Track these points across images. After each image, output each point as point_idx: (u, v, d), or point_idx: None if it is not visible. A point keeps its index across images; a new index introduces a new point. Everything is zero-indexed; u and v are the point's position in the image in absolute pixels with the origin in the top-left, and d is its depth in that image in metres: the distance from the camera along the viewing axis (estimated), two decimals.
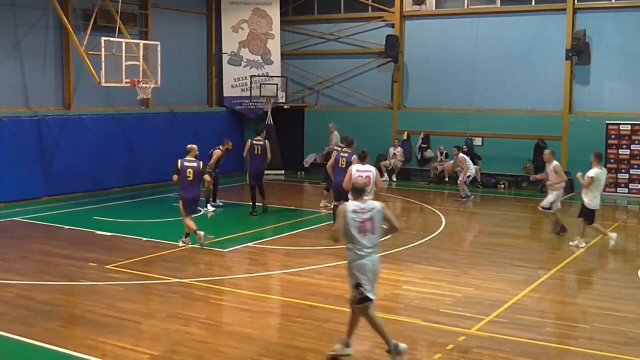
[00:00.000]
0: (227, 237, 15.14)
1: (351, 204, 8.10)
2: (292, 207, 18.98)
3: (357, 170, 13.19)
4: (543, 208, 15.74)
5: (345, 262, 12.85)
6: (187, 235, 14.15)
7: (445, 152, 23.86)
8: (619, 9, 21.83)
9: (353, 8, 26.08)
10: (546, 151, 16.47)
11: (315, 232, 15.88)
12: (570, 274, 12.51)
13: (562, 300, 11.28)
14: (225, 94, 26.24)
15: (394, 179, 24.64)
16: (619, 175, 21.68)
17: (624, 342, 8.96)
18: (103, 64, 18.15)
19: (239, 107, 26.31)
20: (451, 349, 8.63)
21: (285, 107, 26.50)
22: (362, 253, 8.13)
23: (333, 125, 23.96)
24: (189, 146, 14.20)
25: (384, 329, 8.24)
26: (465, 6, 24.05)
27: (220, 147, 18.27)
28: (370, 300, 8.12)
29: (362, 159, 13.74)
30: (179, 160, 13.97)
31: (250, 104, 26.17)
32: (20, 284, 11.36)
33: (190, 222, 14.04)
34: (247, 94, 25.89)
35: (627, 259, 14.14)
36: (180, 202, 14.12)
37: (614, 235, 14.52)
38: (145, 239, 14.76)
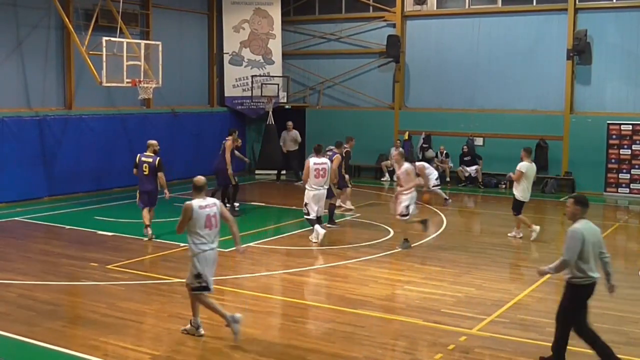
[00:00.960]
0: (229, 237, 15.11)
1: (196, 201, 8.83)
2: (294, 207, 18.97)
3: (315, 163, 14.61)
4: (401, 215, 14.17)
5: (345, 262, 12.95)
6: (147, 226, 14.80)
7: (446, 152, 23.87)
8: (620, 9, 21.83)
9: (354, 8, 26.08)
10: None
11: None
12: None
13: None
14: (226, 94, 26.25)
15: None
16: (620, 176, 21.70)
17: (625, 342, 8.97)
18: (104, 64, 18.14)
19: (240, 107, 26.31)
20: (452, 349, 8.64)
21: (287, 107, 26.50)
22: (206, 247, 8.81)
23: (291, 123, 24.13)
24: (149, 141, 15.05)
25: (218, 307, 8.96)
26: (467, 6, 24.05)
27: (228, 138, 18.09)
28: (208, 290, 8.90)
29: (317, 152, 14.97)
30: (138, 155, 14.95)
31: (252, 104, 26.18)
32: (22, 283, 11.37)
33: (145, 215, 14.79)
34: (249, 94, 25.90)
35: (629, 259, 14.15)
36: (137, 194, 14.99)
37: (537, 228, 15.19)
38: (146, 239, 14.76)
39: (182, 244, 14.16)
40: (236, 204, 18.38)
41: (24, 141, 19.09)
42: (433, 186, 19.55)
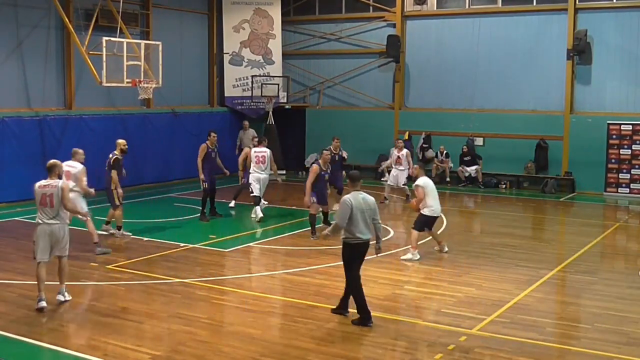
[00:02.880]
0: (229, 237, 15.15)
1: (41, 181, 10.54)
2: (294, 207, 18.98)
3: (255, 152, 17.32)
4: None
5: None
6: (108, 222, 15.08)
7: (446, 152, 23.86)
8: (620, 9, 21.83)
9: (354, 8, 26.08)
10: (414, 165, 15.91)
11: (317, 231, 15.87)
12: (572, 274, 12.51)
13: (563, 300, 11.31)
14: (226, 94, 26.25)
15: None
16: (620, 176, 21.69)
17: (625, 342, 8.97)
18: (104, 64, 18.13)
19: (240, 107, 26.31)
20: (452, 349, 8.64)
21: (287, 107, 26.49)
22: (42, 221, 10.17)
23: (247, 123, 24.00)
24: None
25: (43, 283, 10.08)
26: (467, 6, 24.05)
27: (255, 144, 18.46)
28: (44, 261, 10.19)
29: (259, 143, 17.95)
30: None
31: (252, 104, 26.17)
32: (22, 283, 11.37)
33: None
34: (249, 94, 25.90)
35: (629, 259, 14.15)
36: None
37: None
38: (146, 239, 14.78)
39: (181, 244, 14.20)
40: (231, 204, 18.36)
41: (24, 141, 19.08)
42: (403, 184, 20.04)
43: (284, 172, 25.48)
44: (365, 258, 9.89)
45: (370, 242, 9.79)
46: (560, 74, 22.45)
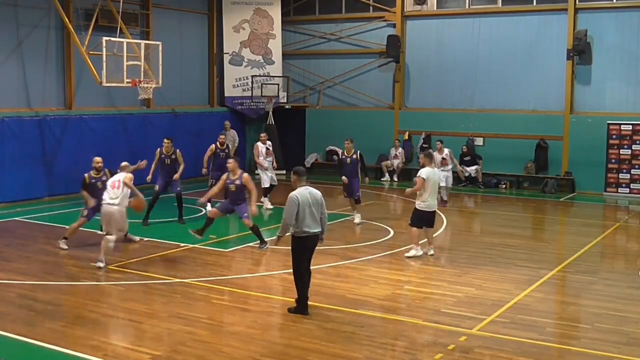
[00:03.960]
0: (229, 237, 15.15)
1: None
2: None
3: (263, 146, 18.78)
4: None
5: (345, 262, 12.97)
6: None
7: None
8: (620, 9, 21.84)
9: (354, 8, 26.09)
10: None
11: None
12: (572, 274, 12.51)
13: (563, 300, 11.31)
14: (226, 94, 26.25)
15: (395, 179, 24.64)
16: (620, 176, 21.70)
17: (626, 342, 8.97)
18: (104, 64, 18.13)
19: (240, 107, 26.32)
20: (452, 349, 8.64)
21: (287, 107, 26.50)
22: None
23: (229, 123, 23.88)
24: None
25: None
26: (467, 6, 24.06)
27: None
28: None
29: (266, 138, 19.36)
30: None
31: (252, 104, 26.18)
32: (22, 284, 11.38)
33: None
34: (249, 94, 25.91)
35: (629, 259, 14.15)
36: None
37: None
38: (146, 239, 14.77)
39: (181, 244, 14.20)
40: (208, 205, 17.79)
41: (24, 141, 19.10)
42: None
43: (284, 172, 25.47)
44: (366, 258, 9.88)
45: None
46: (560, 74, 22.46)
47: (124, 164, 13.64)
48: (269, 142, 19.20)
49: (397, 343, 8.99)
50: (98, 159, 14.34)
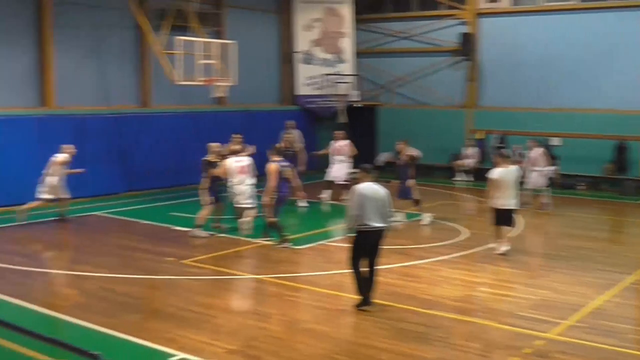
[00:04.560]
0: (302, 234, 15.21)
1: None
2: None
3: (338, 144, 19.30)
4: None
5: (417, 262, 12.89)
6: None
7: (520, 152, 23.42)
8: None
9: (427, 6, 25.86)
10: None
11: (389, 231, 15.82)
12: None
13: None
14: (298, 93, 26.41)
15: (468, 178, 24.33)
16: None
17: None
18: (179, 63, 18.49)
19: (311, 105, 26.43)
20: (527, 352, 8.48)
21: (358, 105, 26.49)
22: None
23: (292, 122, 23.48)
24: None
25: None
26: (542, 2, 23.56)
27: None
28: None
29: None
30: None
31: (323, 102, 26.27)
32: (102, 276, 11.69)
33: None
34: (320, 92, 26.00)
35: None
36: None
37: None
38: (220, 235, 14.98)
39: (255, 241, 14.35)
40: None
41: (103, 138, 19.64)
42: None
43: (355, 171, 25.45)
44: (438, 258, 9.79)
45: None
46: None
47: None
48: (343, 141, 19.39)
49: (470, 345, 8.87)
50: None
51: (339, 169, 18.98)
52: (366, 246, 10.03)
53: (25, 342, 6.36)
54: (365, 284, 10.07)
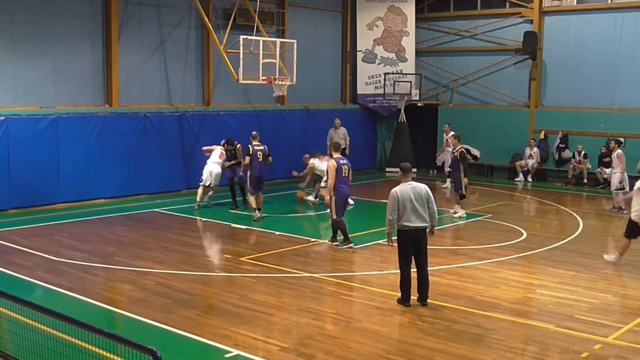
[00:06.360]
0: (359, 233, 15.20)
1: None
2: None
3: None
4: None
5: (476, 263, 12.73)
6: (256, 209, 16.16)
7: (584, 152, 22.93)
8: None
9: (490, 4, 25.53)
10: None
11: (447, 231, 15.71)
12: None
13: None
14: (359, 92, 26.40)
15: (530, 179, 23.93)
16: None
17: None
18: (241, 62, 18.65)
19: (372, 104, 26.39)
20: (586, 356, 8.30)
21: (419, 104, 26.32)
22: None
23: (339, 121, 23.24)
24: (254, 132, 16.53)
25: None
26: (609, 0, 22.99)
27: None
28: None
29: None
30: (249, 146, 16.25)
31: (384, 101, 26.19)
32: (160, 272, 11.89)
33: (254, 200, 16.10)
34: (381, 91, 25.93)
35: None
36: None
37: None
38: (277, 233, 15.09)
39: (312, 239, 14.39)
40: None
41: (165, 136, 19.99)
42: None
43: (414, 170, 25.34)
44: (497, 260, 9.64)
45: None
46: None
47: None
48: None
49: (527, 348, 8.73)
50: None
51: None
52: (409, 245, 10.14)
53: (83, 335, 6.50)
54: (410, 284, 10.24)
